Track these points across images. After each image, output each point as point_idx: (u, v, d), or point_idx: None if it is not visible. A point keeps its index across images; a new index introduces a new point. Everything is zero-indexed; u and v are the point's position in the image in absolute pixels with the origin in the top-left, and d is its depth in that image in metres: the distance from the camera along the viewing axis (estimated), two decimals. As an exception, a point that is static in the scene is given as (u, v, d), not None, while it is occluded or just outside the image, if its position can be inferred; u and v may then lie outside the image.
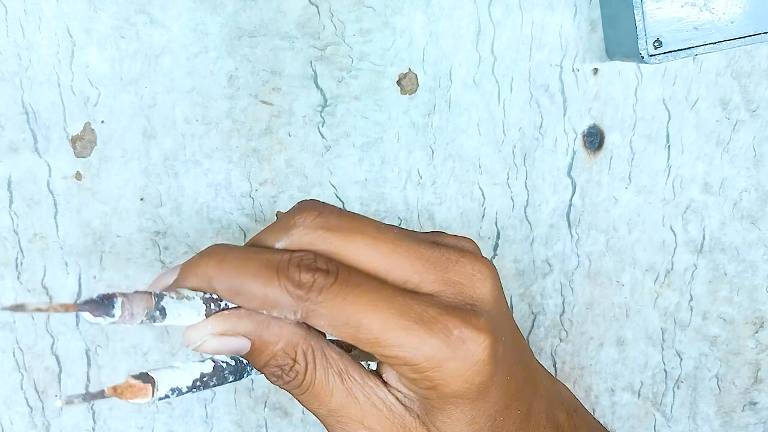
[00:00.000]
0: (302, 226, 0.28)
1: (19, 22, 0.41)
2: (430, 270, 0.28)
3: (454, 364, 0.27)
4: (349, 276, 0.27)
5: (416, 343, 0.26)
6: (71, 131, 0.42)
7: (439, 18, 0.43)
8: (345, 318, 0.26)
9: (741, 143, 0.46)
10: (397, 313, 0.26)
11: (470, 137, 0.44)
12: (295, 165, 0.44)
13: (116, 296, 0.25)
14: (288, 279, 0.26)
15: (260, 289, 0.26)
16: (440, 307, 0.27)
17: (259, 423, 0.46)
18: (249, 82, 0.42)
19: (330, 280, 0.26)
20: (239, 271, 0.27)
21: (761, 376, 0.50)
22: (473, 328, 0.27)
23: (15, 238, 0.43)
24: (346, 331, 0.27)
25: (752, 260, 0.48)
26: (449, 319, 0.27)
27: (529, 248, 0.46)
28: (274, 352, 0.28)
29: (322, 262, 0.27)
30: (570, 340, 0.48)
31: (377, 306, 0.26)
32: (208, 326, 0.27)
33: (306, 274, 0.26)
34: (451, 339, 0.26)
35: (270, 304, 0.27)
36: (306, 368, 0.28)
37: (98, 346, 0.44)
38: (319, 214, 0.28)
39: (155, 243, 0.43)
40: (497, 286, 0.29)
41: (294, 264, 0.26)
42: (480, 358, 0.27)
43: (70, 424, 0.45)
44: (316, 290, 0.26)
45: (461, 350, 0.27)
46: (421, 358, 0.26)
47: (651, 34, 0.40)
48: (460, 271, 0.28)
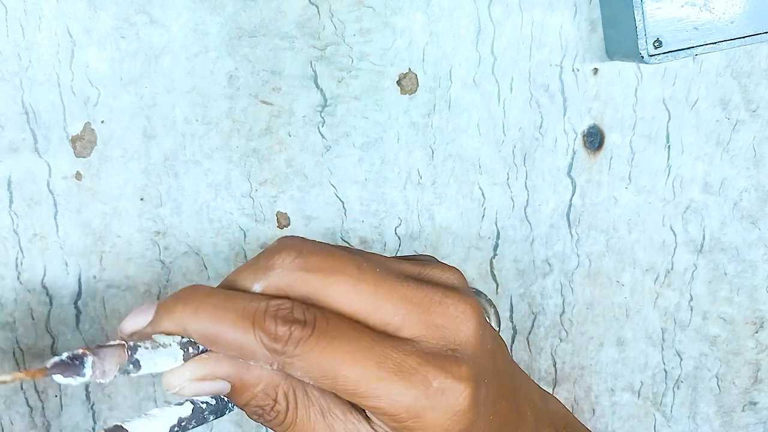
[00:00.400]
0: (281, 268, 0.27)
1: (19, 22, 0.40)
2: (412, 312, 0.27)
3: (434, 416, 0.27)
4: (326, 326, 0.26)
5: (395, 394, 0.26)
6: (71, 131, 0.42)
7: (439, 18, 0.43)
8: (322, 371, 0.26)
9: (741, 143, 0.46)
10: (376, 365, 0.26)
11: (470, 137, 0.44)
12: (295, 165, 0.44)
13: (86, 355, 0.24)
14: (264, 332, 0.26)
15: (236, 340, 0.26)
16: (420, 355, 0.27)
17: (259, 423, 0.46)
18: (249, 82, 0.42)
19: (307, 331, 0.26)
20: (215, 321, 0.26)
21: (761, 376, 0.50)
22: (453, 377, 0.27)
23: (15, 238, 0.43)
24: (323, 382, 0.26)
25: (752, 260, 0.48)
26: (429, 370, 0.26)
27: (529, 248, 0.46)
28: (254, 393, 0.27)
29: (299, 311, 0.26)
30: (570, 340, 0.48)
31: (355, 357, 0.26)
32: (186, 372, 0.27)
33: (282, 326, 0.26)
34: (430, 391, 0.26)
35: (246, 354, 0.26)
36: (287, 408, 0.28)
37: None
38: (298, 255, 0.27)
39: (155, 243, 0.43)
40: (481, 325, 0.29)
41: (270, 315, 0.26)
42: (460, 408, 0.27)
43: (70, 424, 0.45)
44: (293, 343, 0.26)
45: (441, 401, 0.26)
46: (401, 409, 0.26)
47: (651, 34, 0.40)
48: (443, 312, 0.28)
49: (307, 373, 0.26)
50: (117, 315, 0.44)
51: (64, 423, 0.45)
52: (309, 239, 0.28)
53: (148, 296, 0.44)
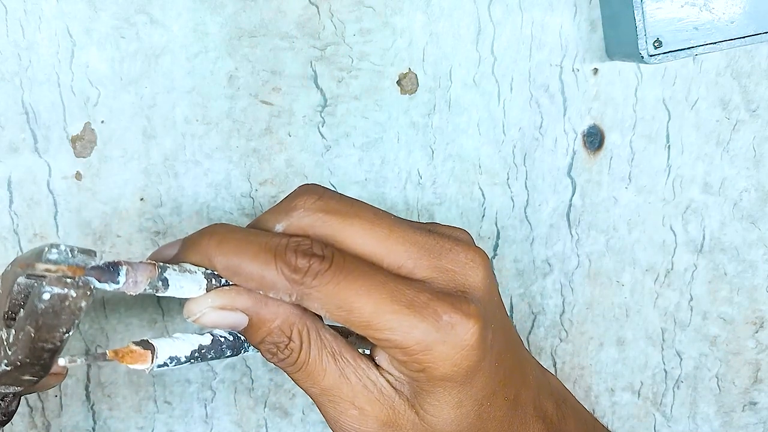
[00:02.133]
0: (302, 209, 0.28)
1: (19, 22, 0.41)
2: (424, 256, 0.29)
3: (443, 348, 0.27)
4: (343, 262, 0.27)
5: (407, 327, 0.27)
6: (71, 131, 0.42)
7: (439, 18, 0.43)
8: (338, 302, 0.27)
9: (741, 143, 0.46)
10: (389, 298, 0.27)
11: (470, 137, 0.44)
12: (295, 165, 0.44)
13: (121, 264, 0.26)
14: (284, 263, 0.27)
15: (258, 271, 0.27)
16: (431, 292, 0.28)
17: (259, 423, 0.46)
18: (249, 82, 0.42)
19: (325, 265, 0.27)
20: (238, 253, 0.27)
21: (761, 376, 0.50)
22: (463, 313, 0.28)
23: (15, 238, 0.43)
24: (339, 314, 0.27)
25: (752, 260, 0.48)
26: (439, 305, 0.28)
27: (529, 248, 0.46)
28: (270, 329, 0.28)
29: (318, 248, 0.27)
30: (570, 340, 0.48)
31: (369, 291, 0.27)
32: (208, 300, 0.28)
33: (302, 259, 0.27)
34: (440, 323, 0.27)
35: (266, 285, 0.28)
36: (300, 347, 0.29)
37: (98, 346, 0.44)
38: (320, 198, 0.29)
39: (155, 243, 0.43)
40: (489, 275, 0.30)
41: (291, 249, 0.27)
42: (468, 342, 0.28)
43: (70, 424, 0.45)
44: (311, 275, 0.27)
45: (450, 335, 0.27)
46: (411, 341, 0.27)
47: (651, 34, 0.40)
48: (454, 258, 0.29)
49: (323, 305, 0.27)
50: (117, 315, 0.44)
51: (64, 423, 0.45)
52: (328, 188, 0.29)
53: (148, 296, 0.44)
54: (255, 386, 0.46)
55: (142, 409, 0.45)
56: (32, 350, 0.25)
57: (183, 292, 0.28)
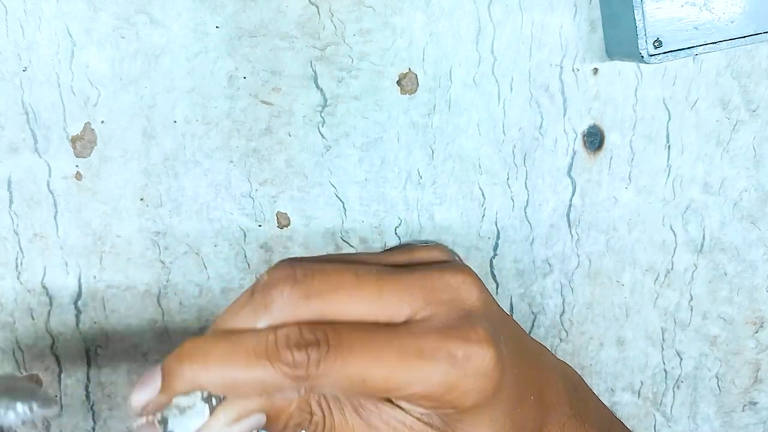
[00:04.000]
0: (280, 301, 0.27)
1: (19, 22, 0.40)
2: (418, 298, 0.28)
3: (466, 382, 0.27)
4: (339, 338, 0.26)
5: (425, 376, 0.27)
6: (71, 131, 0.42)
7: (439, 18, 0.43)
8: (349, 380, 0.26)
9: (741, 143, 0.46)
10: (398, 356, 0.27)
11: (470, 137, 0.44)
12: (295, 165, 0.44)
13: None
14: (282, 363, 0.26)
15: (257, 380, 0.26)
16: (437, 332, 0.27)
17: (259, 423, 0.46)
18: (249, 82, 0.42)
19: (323, 350, 0.26)
20: (229, 368, 0.26)
21: (761, 376, 0.50)
22: (474, 342, 0.27)
23: (15, 238, 0.43)
24: (353, 390, 0.27)
25: (752, 260, 0.48)
26: (450, 342, 0.27)
27: (529, 248, 0.46)
28: (290, 413, 0.28)
29: (309, 333, 0.26)
30: (570, 340, 0.48)
31: (376, 357, 0.26)
32: (220, 419, 0.27)
33: (298, 352, 0.26)
34: (456, 361, 0.27)
35: (271, 390, 0.27)
36: (323, 415, 0.28)
37: (98, 346, 0.44)
38: (294, 283, 0.27)
39: (155, 243, 0.43)
40: (482, 290, 0.30)
41: (282, 345, 0.26)
42: (488, 367, 0.27)
43: (69, 424, 0.45)
44: (314, 365, 0.26)
45: (469, 367, 0.27)
46: (434, 387, 0.27)
47: (651, 34, 0.40)
48: (445, 287, 0.29)
49: (335, 388, 0.27)
50: (117, 315, 0.44)
51: (64, 423, 0.45)
52: (298, 259, 0.28)
53: (148, 296, 0.44)
54: (255, 386, 0.46)
55: (142, 409, 0.45)
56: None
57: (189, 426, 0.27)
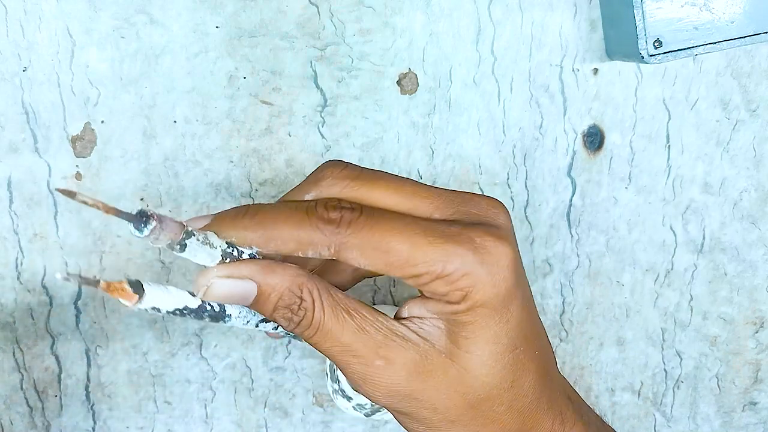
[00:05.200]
0: (330, 177, 0.30)
1: (19, 22, 0.40)
2: (448, 204, 0.30)
3: (482, 270, 0.28)
4: (372, 210, 0.29)
5: (445, 255, 0.28)
6: (71, 131, 0.42)
7: (439, 18, 0.43)
8: (375, 244, 0.28)
9: (741, 143, 0.46)
10: (422, 233, 0.28)
11: (470, 137, 0.44)
12: (295, 165, 0.44)
13: (152, 219, 0.26)
14: (318, 218, 0.28)
15: (294, 232, 0.28)
16: (462, 224, 0.29)
17: (259, 423, 0.46)
18: (249, 82, 0.42)
19: (356, 213, 0.28)
20: (272, 218, 0.29)
21: (761, 376, 0.50)
22: (495, 237, 0.29)
23: (15, 238, 0.43)
24: (378, 257, 0.28)
25: (752, 260, 0.48)
26: (472, 231, 0.29)
27: (529, 248, 0.46)
28: (280, 292, 0.29)
29: (347, 202, 0.29)
30: (570, 340, 0.48)
31: (403, 230, 0.28)
32: (214, 270, 0.29)
33: (334, 212, 0.28)
34: (476, 247, 0.28)
35: (304, 243, 0.28)
36: (314, 304, 0.29)
37: (98, 346, 0.44)
38: (345, 167, 0.30)
39: (155, 243, 0.43)
40: (510, 222, 0.31)
41: (321, 205, 0.29)
42: (504, 263, 0.29)
43: (69, 424, 0.45)
44: (345, 224, 0.28)
45: (486, 257, 0.28)
46: (451, 268, 0.28)
47: (651, 34, 0.40)
48: (477, 204, 0.31)
49: (362, 251, 0.28)
50: (117, 315, 0.44)
51: (64, 423, 0.45)
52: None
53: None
54: (255, 386, 0.46)
55: (142, 409, 0.45)
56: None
57: (195, 259, 0.29)
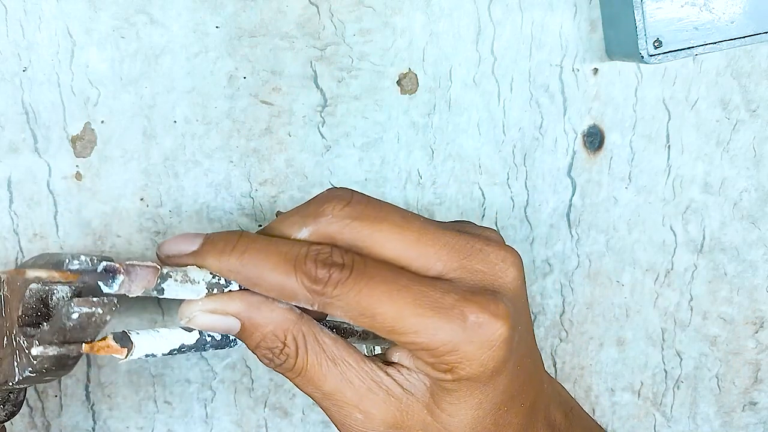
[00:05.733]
0: (330, 215, 0.28)
1: (19, 22, 0.41)
2: (453, 257, 0.29)
3: (470, 348, 0.27)
4: (364, 268, 0.27)
5: (432, 329, 0.27)
6: (71, 131, 0.42)
7: (439, 18, 0.43)
8: (360, 309, 0.27)
9: (741, 143, 0.46)
10: (412, 302, 0.27)
11: (470, 137, 0.44)
12: (295, 165, 0.44)
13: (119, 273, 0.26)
14: (304, 274, 0.27)
15: (278, 282, 0.27)
16: (458, 293, 0.28)
17: (259, 423, 0.46)
18: (249, 82, 0.42)
19: (345, 274, 0.27)
20: (259, 264, 0.28)
21: (761, 376, 0.50)
22: (490, 313, 0.28)
23: (15, 238, 0.43)
24: (362, 320, 0.28)
25: (752, 260, 0.48)
26: (466, 305, 0.27)
27: (529, 248, 0.46)
28: (263, 334, 0.28)
29: (339, 256, 0.27)
30: (570, 340, 0.48)
31: (391, 296, 0.27)
32: (199, 303, 0.28)
33: (322, 269, 0.27)
34: (467, 324, 0.27)
35: (287, 296, 0.28)
36: (296, 352, 0.29)
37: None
38: (348, 203, 0.28)
39: (155, 243, 0.43)
40: (520, 276, 0.30)
41: (311, 259, 0.27)
42: (496, 342, 0.28)
43: (69, 424, 0.45)
44: (332, 285, 0.27)
45: (477, 335, 0.27)
46: (438, 342, 0.27)
47: (651, 34, 0.40)
48: (484, 258, 0.29)
49: (346, 313, 0.28)
50: (117, 315, 0.44)
51: (64, 423, 0.45)
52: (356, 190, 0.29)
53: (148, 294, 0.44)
54: (255, 386, 0.46)
55: (142, 409, 0.45)
56: (58, 360, 0.27)
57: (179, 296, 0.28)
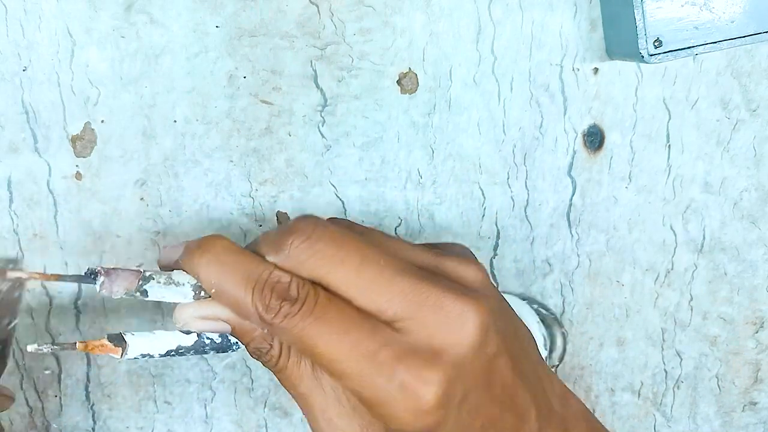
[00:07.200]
0: (288, 250, 0.29)
1: (19, 22, 0.40)
2: (406, 307, 0.29)
3: (395, 407, 0.28)
4: (313, 307, 0.29)
5: (362, 379, 0.28)
6: (71, 131, 0.42)
7: (439, 18, 0.43)
8: (301, 345, 0.29)
9: (741, 143, 0.46)
10: (349, 349, 0.28)
11: (470, 137, 0.44)
12: (295, 165, 0.44)
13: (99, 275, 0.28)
14: (259, 300, 0.29)
15: (235, 299, 0.29)
16: (396, 349, 0.28)
17: (259, 423, 0.46)
18: (249, 81, 0.42)
19: (295, 309, 0.28)
20: (222, 277, 0.29)
21: (761, 376, 0.50)
22: (418, 379, 0.28)
23: (15, 238, 0.43)
24: (303, 352, 0.30)
25: (752, 260, 0.48)
26: (397, 365, 0.28)
27: (529, 248, 0.46)
28: (252, 336, 0.30)
29: (295, 288, 0.29)
30: (570, 340, 0.48)
31: (331, 339, 0.28)
32: (191, 309, 0.30)
33: (275, 300, 0.29)
34: (392, 384, 0.28)
35: (241, 313, 0.30)
36: (280, 354, 0.30)
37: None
38: (307, 239, 0.29)
39: (155, 243, 0.43)
40: (482, 329, 0.29)
41: (269, 286, 0.29)
42: (423, 407, 0.28)
43: (69, 424, 0.45)
44: (280, 317, 0.28)
45: (402, 397, 0.28)
46: (367, 392, 0.28)
47: (651, 34, 0.40)
48: (438, 312, 0.29)
49: (288, 343, 0.30)
50: (116, 316, 0.44)
51: (64, 423, 0.45)
52: (323, 221, 0.30)
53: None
54: (255, 386, 0.46)
55: (142, 409, 0.45)
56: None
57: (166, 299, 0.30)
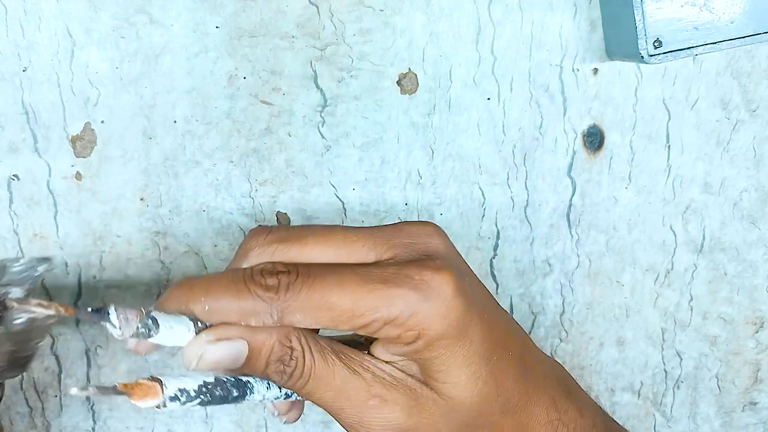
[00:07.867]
0: (257, 246, 0.30)
1: (19, 22, 0.41)
2: (380, 243, 0.30)
3: (427, 306, 0.28)
4: (308, 269, 0.29)
5: (387, 299, 0.28)
6: (71, 131, 0.42)
7: (439, 18, 0.43)
8: (317, 303, 0.28)
9: (741, 143, 0.46)
10: (361, 281, 0.28)
11: (470, 137, 0.44)
12: (295, 165, 0.44)
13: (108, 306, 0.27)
14: (257, 286, 0.28)
15: (234, 303, 0.29)
16: (397, 264, 0.29)
17: (259, 423, 0.46)
18: (249, 82, 0.42)
19: (293, 276, 0.29)
20: (211, 292, 0.29)
21: (761, 376, 0.50)
22: (432, 269, 0.29)
23: (15, 238, 0.43)
24: (322, 315, 0.29)
25: (752, 260, 0.48)
26: (408, 269, 0.29)
27: (529, 248, 0.46)
28: (270, 346, 0.29)
29: (281, 265, 0.29)
30: (570, 340, 0.48)
31: (342, 283, 0.28)
32: (203, 337, 0.29)
33: (270, 278, 0.28)
34: (415, 284, 0.28)
35: (246, 314, 0.29)
36: (303, 351, 0.30)
37: (98, 346, 0.44)
38: (269, 232, 0.30)
39: (155, 243, 0.43)
40: (446, 240, 0.31)
41: (257, 273, 0.29)
42: (448, 293, 0.29)
43: (70, 424, 0.45)
44: (284, 289, 0.28)
45: (428, 291, 0.29)
46: (396, 311, 0.28)
47: (651, 34, 0.40)
48: (407, 233, 0.31)
49: (305, 312, 0.29)
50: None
51: (64, 423, 0.45)
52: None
53: (148, 296, 0.44)
54: (255, 386, 0.46)
55: (141, 409, 0.45)
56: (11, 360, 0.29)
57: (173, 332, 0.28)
